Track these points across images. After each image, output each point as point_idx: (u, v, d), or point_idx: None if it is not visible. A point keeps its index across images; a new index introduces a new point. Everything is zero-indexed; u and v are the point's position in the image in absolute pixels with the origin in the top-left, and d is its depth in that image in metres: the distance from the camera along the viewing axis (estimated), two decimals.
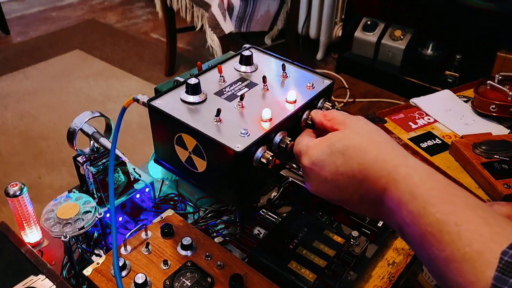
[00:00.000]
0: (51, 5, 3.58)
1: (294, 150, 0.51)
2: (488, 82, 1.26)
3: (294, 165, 0.56)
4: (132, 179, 0.79)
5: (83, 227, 0.63)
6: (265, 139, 0.51)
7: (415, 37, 2.49)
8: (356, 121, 0.49)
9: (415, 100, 1.36)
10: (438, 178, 0.43)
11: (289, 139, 0.53)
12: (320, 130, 0.53)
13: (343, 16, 2.74)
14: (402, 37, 2.48)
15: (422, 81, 2.36)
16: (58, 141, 2.08)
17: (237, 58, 0.64)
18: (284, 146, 0.53)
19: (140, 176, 0.81)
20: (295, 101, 0.56)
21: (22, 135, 2.12)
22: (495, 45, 1.94)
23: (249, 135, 0.50)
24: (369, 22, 2.56)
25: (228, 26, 1.90)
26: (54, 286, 0.59)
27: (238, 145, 0.48)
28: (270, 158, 0.50)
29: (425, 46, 2.54)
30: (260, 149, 0.50)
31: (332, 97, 0.91)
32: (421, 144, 1.19)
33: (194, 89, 0.55)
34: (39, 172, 1.90)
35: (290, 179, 0.81)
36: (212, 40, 1.92)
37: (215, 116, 0.52)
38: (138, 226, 0.65)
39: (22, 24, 3.23)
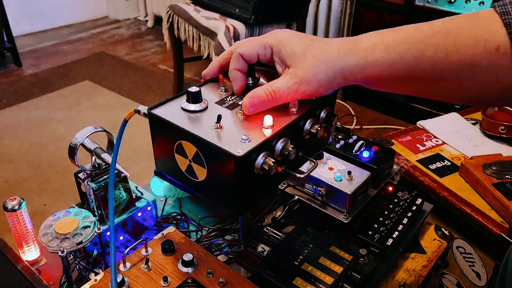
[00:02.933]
0: (62, 39, 3.68)
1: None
2: None
3: (297, 174, 0.54)
4: (134, 196, 0.77)
5: (81, 242, 0.62)
6: (267, 146, 0.50)
7: None
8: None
9: (422, 123, 1.35)
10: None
11: (292, 146, 0.51)
12: None
13: None
14: None
15: (430, 108, 2.35)
16: (65, 169, 2.07)
17: None
18: (286, 153, 0.51)
19: (142, 194, 0.80)
20: (297, 108, 0.55)
21: (29, 163, 2.12)
22: None
23: (250, 141, 0.49)
24: None
25: None
26: None
27: (239, 151, 0.47)
28: (272, 164, 0.49)
29: None
30: (261, 155, 0.49)
31: (340, 124, 0.90)
32: (430, 166, 1.17)
33: (195, 97, 0.54)
34: (45, 199, 1.89)
35: (296, 197, 0.79)
36: None
37: (216, 122, 0.51)
38: (139, 241, 0.63)
39: (34, 57, 3.31)
